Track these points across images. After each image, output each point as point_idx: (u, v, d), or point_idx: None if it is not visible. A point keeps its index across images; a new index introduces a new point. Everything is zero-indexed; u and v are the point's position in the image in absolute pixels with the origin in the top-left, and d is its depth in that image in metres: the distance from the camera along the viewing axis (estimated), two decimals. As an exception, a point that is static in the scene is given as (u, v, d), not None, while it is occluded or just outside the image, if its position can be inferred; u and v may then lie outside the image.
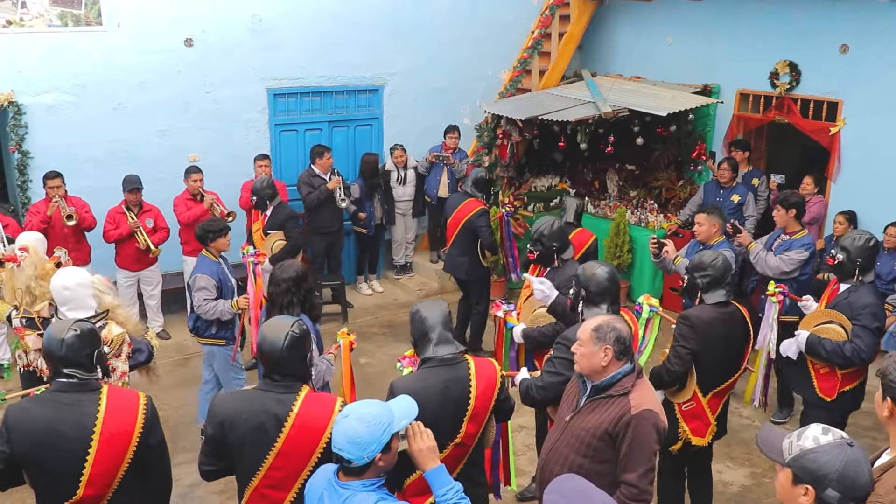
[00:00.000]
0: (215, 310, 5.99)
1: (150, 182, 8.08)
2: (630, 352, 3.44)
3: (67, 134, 8.15)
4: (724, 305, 4.66)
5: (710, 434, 4.76)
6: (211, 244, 6.13)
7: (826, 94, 8.30)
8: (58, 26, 7.95)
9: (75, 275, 4.56)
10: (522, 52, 10.36)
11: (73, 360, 3.36)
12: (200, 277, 5.99)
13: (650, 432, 3.31)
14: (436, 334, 3.68)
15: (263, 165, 8.45)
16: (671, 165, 9.84)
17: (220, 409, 3.38)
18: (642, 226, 9.22)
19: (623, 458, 3.32)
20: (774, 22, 8.62)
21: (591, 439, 3.39)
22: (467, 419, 3.60)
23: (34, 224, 7.27)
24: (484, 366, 3.73)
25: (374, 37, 9.62)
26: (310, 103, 9.53)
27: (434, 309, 3.76)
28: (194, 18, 8.57)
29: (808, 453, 2.41)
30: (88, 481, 3.31)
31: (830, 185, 8.39)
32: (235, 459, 3.37)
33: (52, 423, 3.28)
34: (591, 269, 4.25)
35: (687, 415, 4.72)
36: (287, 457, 3.29)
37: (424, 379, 3.62)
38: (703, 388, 4.67)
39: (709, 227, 6.30)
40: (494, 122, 9.57)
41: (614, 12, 10.47)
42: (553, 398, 4.06)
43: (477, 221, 7.61)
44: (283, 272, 4.79)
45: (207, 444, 3.41)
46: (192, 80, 8.70)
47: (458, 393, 3.60)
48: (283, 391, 3.34)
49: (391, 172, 9.70)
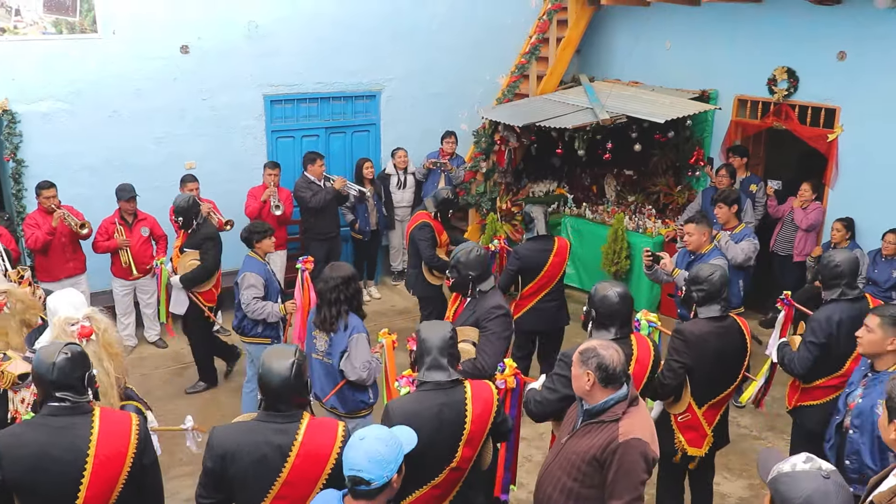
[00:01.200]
0: (263, 310, 6.19)
1: (147, 190, 8.05)
2: (619, 379, 3.38)
3: (62, 142, 8.11)
4: (720, 319, 4.63)
5: (707, 444, 4.76)
6: (256, 245, 6.33)
7: (824, 100, 8.27)
8: (52, 34, 7.91)
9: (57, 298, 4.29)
10: (520, 57, 10.33)
11: (64, 383, 3.33)
12: (249, 276, 6.18)
13: (637, 461, 3.27)
14: (430, 358, 3.67)
15: (273, 174, 8.41)
16: (669, 171, 9.82)
17: (220, 441, 3.30)
18: (640, 232, 9.19)
19: (610, 485, 3.30)
20: (772, 28, 8.59)
21: (580, 463, 3.38)
22: (463, 443, 3.59)
23: (40, 237, 7.27)
24: (480, 389, 3.70)
25: (371, 42, 9.59)
26: (307, 109, 9.50)
27: (434, 331, 3.74)
28: (190, 25, 8.53)
29: (783, 477, 2.52)
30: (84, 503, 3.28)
31: (828, 192, 8.37)
32: (237, 492, 3.32)
33: (45, 447, 3.26)
34: (604, 289, 4.18)
35: (683, 426, 4.72)
36: (292, 486, 3.25)
37: (420, 401, 3.60)
38: (697, 400, 4.66)
39: (699, 237, 6.28)
40: (492, 127, 9.54)
41: (612, 17, 10.44)
42: (550, 413, 4.05)
43: (416, 234, 7.14)
44: (335, 271, 4.97)
45: (206, 477, 3.33)
46: (188, 87, 8.66)
47: (453, 417, 3.58)
48: (284, 420, 3.29)
49: (391, 177, 9.67)
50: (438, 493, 3.67)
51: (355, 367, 4.85)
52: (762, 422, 6.87)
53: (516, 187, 10.01)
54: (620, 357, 3.40)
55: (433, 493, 3.65)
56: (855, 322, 4.78)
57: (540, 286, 6.54)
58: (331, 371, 5.00)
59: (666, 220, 9.31)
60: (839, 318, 4.88)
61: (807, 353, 4.93)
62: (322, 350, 5.02)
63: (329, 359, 4.98)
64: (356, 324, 4.94)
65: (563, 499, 3.40)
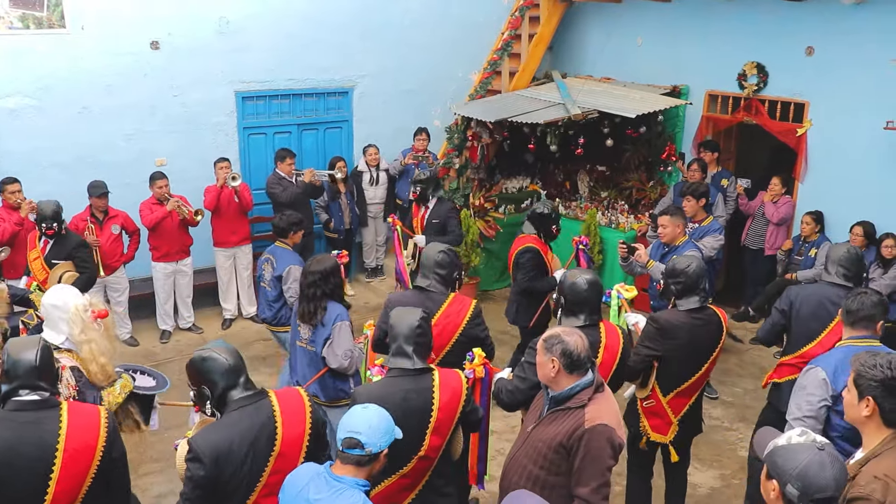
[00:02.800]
0: None
1: (117, 187, 7.97)
2: (584, 365, 3.39)
3: (31, 138, 8.01)
4: (698, 311, 4.66)
5: (671, 433, 4.80)
6: (291, 236, 6.46)
7: (793, 95, 8.37)
8: (19, 28, 7.81)
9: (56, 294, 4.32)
10: (492, 53, 10.34)
11: (46, 371, 3.34)
12: (295, 269, 6.14)
13: (604, 447, 3.28)
14: (396, 345, 3.70)
15: (224, 167, 8.31)
16: (641, 166, 9.88)
17: (209, 448, 3.17)
18: (613, 227, 9.25)
19: (576, 472, 3.31)
20: (742, 24, 8.69)
21: (546, 451, 3.38)
22: (430, 431, 3.59)
23: (7, 229, 7.17)
24: (449, 377, 3.71)
25: (343, 38, 9.56)
26: (279, 106, 9.45)
27: (403, 318, 3.76)
28: (160, 20, 8.45)
29: (779, 450, 2.59)
30: (53, 499, 3.25)
31: (798, 186, 8.47)
32: (231, 488, 3.23)
33: (11, 442, 3.21)
34: (573, 277, 4.25)
35: (648, 411, 4.79)
36: (285, 458, 3.28)
37: (385, 387, 3.62)
38: (663, 388, 4.71)
39: (673, 229, 6.34)
40: (465, 123, 9.55)
41: (584, 14, 10.49)
42: (522, 402, 4.06)
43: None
44: (312, 265, 5.03)
45: (198, 489, 3.17)
46: (158, 84, 8.59)
47: (420, 404, 3.58)
48: (255, 399, 3.32)
49: (363, 174, 9.65)
50: (407, 483, 3.66)
51: (337, 355, 4.87)
52: (733, 413, 6.94)
53: (489, 183, 10.03)
54: (584, 343, 3.41)
55: (402, 483, 3.65)
56: (823, 304, 4.96)
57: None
58: (314, 359, 5.04)
59: (638, 216, 9.37)
60: (807, 294, 5.09)
61: (770, 319, 5.28)
62: (305, 338, 5.06)
63: (312, 346, 5.02)
64: (340, 311, 4.97)
65: (528, 486, 3.39)
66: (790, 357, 5.12)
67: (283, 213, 6.66)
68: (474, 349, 4.33)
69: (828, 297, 4.96)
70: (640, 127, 9.04)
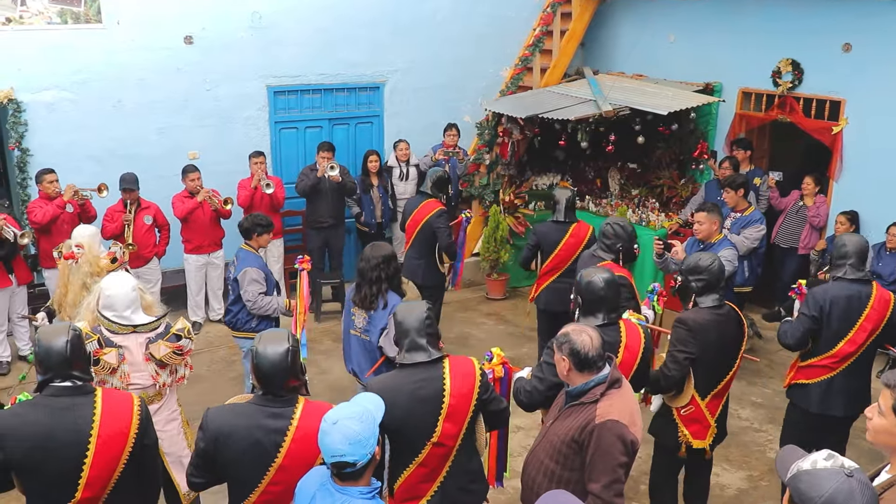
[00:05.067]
0: (269, 306, 6.06)
1: (150, 180, 8.07)
2: (594, 364, 3.37)
3: (67, 131, 8.13)
4: (718, 308, 4.62)
5: (710, 436, 4.73)
6: (255, 237, 6.20)
7: (829, 92, 8.25)
8: (57, 24, 7.93)
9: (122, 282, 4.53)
10: (524, 49, 10.31)
11: (77, 360, 3.38)
12: (252, 271, 6.01)
13: (614, 443, 3.25)
14: (408, 340, 3.68)
15: (258, 162, 8.39)
16: (673, 164, 9.81)
17: (213, 423, 3.28)
18: (643, 225, 9.17)
19: (588, 467, 3.29)
20: (777, 20, 8.58)
21: (560, 445, 3.38)
22: (443, 417, 3.58)
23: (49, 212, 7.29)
24: (460, 364, 3.71)
25: (375, 34, 9.59)
26: (310, 101, 9.50)
27: (411, 313, 3.74)
28: (194, 16, 8.55)
29: (803, 475, 2.35)
30: (87, 483, 3.31)
31: (833, 185, 8.35)
32: (230, 475, 3.32)
33: (48, 428, 3.27)
34: (589, 276, 4.22)
35: (686, 419, 4.70)
36: (287, 471, 3.24)
37: (396, 378, 3.63)
38: (701, 391, 4.64)
39: (709, 226, 6.30)
40: (495, 119, 9.54)
41: (616, 10, 10.42)
42: (540, 403, 4.04)
43: (436, 222, 7.12)
44: (375, 250, 5.05)
45: (199, 458, 3.33)
46: (191, 78, 8.68)
47: (431, 392, 3.58)
48: (280, 405, 3.29)
49: (393, 169, 9.67)
50: (426, 472, 3.65)
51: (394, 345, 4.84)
52: (763, 414, 6.87)
53: (519, 180, 10.00)
54: (594, 341, 3.38)
55: (420, 472, 3.64)
56: (851, 302, 4.86)
57: (555, 265, 6.79)
58: (369, 347, 5.05)
59: (669, 214, 9.30)
60: (834, 295, 4.91)
61: (798, 325, 5.00)
62: (360, 327, 5.07)
63: (367, 335, 5.03)
64: (396, 301, 4.96)
65: (546, 482, 3.39)
66: (820, 358, 5.02)
67: (250, 214, 6.52)
68: (493, 349, 4.31)
69: (854, 294, 4.89)
70: (671, 124, 8.97)
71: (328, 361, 7.73)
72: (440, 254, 7.26)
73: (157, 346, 4.43)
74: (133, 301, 4.48)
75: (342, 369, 7.51)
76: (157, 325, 4.51)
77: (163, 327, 4.51)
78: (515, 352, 7.73)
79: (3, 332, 7.45)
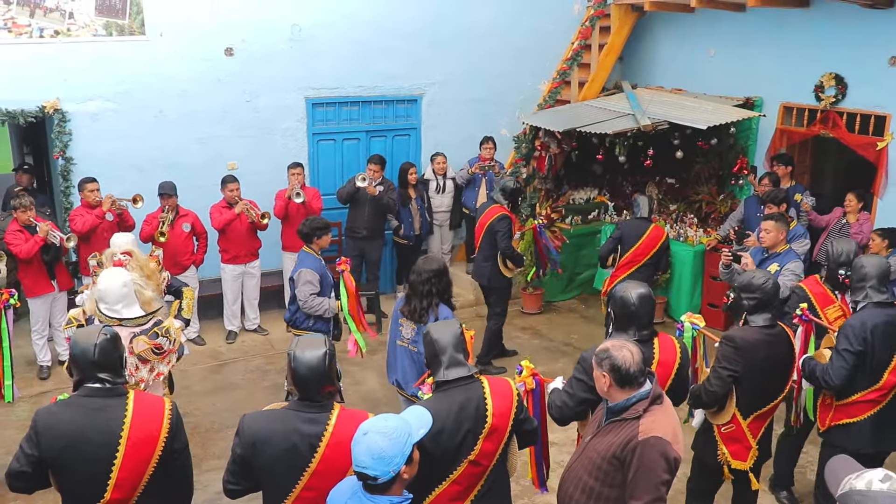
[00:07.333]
0: (320, 307, 6.27)
1: (189, 189, 8.18)
2: (635, 380, 3.31)
3: (110, 141, 8.28)
4: (769, 327, 4.50)
5: (751, 458, 4.59)
6: (315, 241, 6.42)
7: (873, 107, 8.09)
8: (103, 36, 8.10)
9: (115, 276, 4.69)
10: (562, 63, 10.30)
11: (105, 364, 3.42)
12: (306, 272, 6.24)
13: (657, 460, 3.18)
14: (447, 357, 3.62)
15: (296, 173, 8.45)
16: (712, 179, 9.69)
17: (251, 429, 3.30)
18: (681, 240, 9.07)
19: (630, 485, 3.22)
20: (820, 33, 8.44)
21: (601, 462, 3.32)
22: (484, 436, 3.54)
23: (88, 220, 7.45)
24: (498, 384, 3.67)
25: (414, 46, 9.64)
26: (348, 113, 9.57)
27: (445, 330, 3.70)
28: (235, 28, 8.67)
29: (856, 495, 2.29)
30: (116, 485, 3.35)
31: (877, 202, 8.17)
32: (265, 481, 3.32)
33: (81, 427, 3.33)
34: (623, 290, 4.15)
35: (726, 437, 4.57)
36: (321, 477, 3.24)
37: (438, 402, 3.56)
38: (743, 410, 4.50)
39: (776, 234, 6.28)
40: (533, 133, 9.51)
41: (656, 24, 10.36)
42: (571, 417, 4.01)
43: (496, 226, 7.48)
44: (427, 264, 5.10)
45: (235, 464, 3.35)
46: (231, 89, 8.80)
47: (473, 412, 3.53)
48: (316, 410, 3.30)
49: (430, 182, 9.69)
50: (458, 491, 3.59)
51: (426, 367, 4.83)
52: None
53: (556, 194, 9.95)
54: (635, 357, 3.31)
55: (452, 491, 3.59)
56: (888, 328, 4.61)
57: (631, 260, 7.58)
58: (416, 359, 5.04)
59: (707, 230, 9.18)
60: (874, 324, 4.61)
61: (842, 363, 4.63)
62: (408, 338, 5.09)
63: (415, 346, 5.03)
64: (447, 315, 4.96)
65: (584, 498, 3.33)
66: (865, 393, 4.73)
67: (307, 219, 6.66)
68: (522, 362, 4.27)
69: (891, 319, 4.63)
70: (711, 139, 8.86)
71: (362, 372, 7.74)
72: (503, 258, 7.55)
73: (137, 341, 4.66)
74: (125, 296, 4.71)
75: (375, 380, 7.57)
76: (144, 321, 4.71)
77: (150, 324, 4.68)
78: (550, 366, 7.65)
79: (45, 337, 7.58)
